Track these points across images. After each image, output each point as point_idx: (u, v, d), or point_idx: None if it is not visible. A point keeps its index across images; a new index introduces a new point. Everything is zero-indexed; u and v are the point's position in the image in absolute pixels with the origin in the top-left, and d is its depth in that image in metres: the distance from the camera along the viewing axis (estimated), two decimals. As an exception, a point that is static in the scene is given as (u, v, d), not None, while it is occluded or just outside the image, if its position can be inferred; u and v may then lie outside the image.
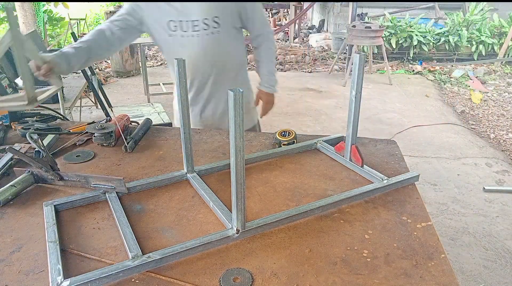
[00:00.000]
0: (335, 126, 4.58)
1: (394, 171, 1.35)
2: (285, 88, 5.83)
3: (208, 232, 1.03)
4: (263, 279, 0.90)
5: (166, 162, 1.41)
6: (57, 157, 1.42)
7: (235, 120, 0.87)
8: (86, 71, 3.44)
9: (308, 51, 7.85)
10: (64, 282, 0.84)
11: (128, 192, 1.20)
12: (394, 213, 1.13)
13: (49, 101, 3.38)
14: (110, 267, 0.89)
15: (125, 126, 1.64)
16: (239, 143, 0.90)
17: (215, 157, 1.45)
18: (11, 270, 0.91)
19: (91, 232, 1.05)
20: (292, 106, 5.23)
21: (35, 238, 1.02)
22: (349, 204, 1.17)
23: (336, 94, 5.69)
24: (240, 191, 0.95)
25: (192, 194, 1.22)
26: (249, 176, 1.32)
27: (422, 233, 1.04)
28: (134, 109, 3.80)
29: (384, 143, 1.57)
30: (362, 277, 0.90)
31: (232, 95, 0.84)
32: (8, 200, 1.16)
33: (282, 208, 1.15)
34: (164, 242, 1.01)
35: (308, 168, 1.38)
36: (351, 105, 1.31)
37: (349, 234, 1.05)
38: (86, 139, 1.55)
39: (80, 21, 7.34)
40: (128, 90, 5.77)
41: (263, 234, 1.04)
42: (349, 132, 1.34)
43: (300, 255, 0.97)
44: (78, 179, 1.23)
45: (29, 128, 1.55)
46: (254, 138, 1.61)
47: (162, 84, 5.43)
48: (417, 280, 0.89)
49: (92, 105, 4.95)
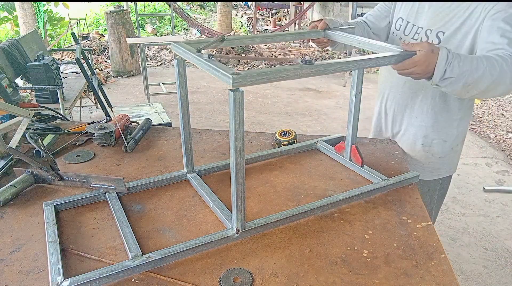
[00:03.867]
0: (335, 126, 4.58)
1: (394, 171, 1.35)
2: (285, 88, 5.83)
3: (208, 232, 1.03)
4: (263, 279, 0.90)
5: (166, 162, 1.41)
6: (57, 157, 1.42)
7: (235, 120, 0.87)
8: (86, 71, 3.43)
9: (308, 51, 7.85)
10: (64, 282, 0.84)
11: (128, 192, 1.20)
12: (394, 213, 1.13)
13: (49, 101, 3.39)
14: (110, 267, 0.89)
15: (125, 126, 1.64)
16: (239, 143, 0.90)
17: (215, 157, 1.45)
18: (11, 270, 0.91)
19: (91, 232, 1.05)
20: (292, 106, 5.23)
21: (35, 238, 1.02)
22: (349, 204, 1.17)
23: (336, 94, 5.70)
24: (240, 191, 0.95)
25: (192, 194, 1.22)
26: (249, 176, 1.32)
27: (422, 233, 1.04)
28: (134, 109, 3.80)
29: (384, 143, 1.57)
30: (362, 277, 0.90)
31: (232, 95, 0.84)
32: (8, 200, 1.16)
33: (282, 208, 1.15)
34: (164, 242, 1.01)
35: (308, 168, 1.38)
36: (351, 105, 1.31)
37: (349, 234, 1.05)
38: (86, 139, 1.55)
39: (80, 21, 7.33)
40: (128, 90, 5.77)
41: (263, 234, 1.04)
42: (349, 132, 1.34)
43: (300, 255, 0.97)
44: (78, 179, 1.23)
45: (29, 128, 1.54)
46: (254, 138, 1.61)
47: (162, 84, 5.43)
48: (417, 280, 0.89)
49: (92, 105, 4.95)
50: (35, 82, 3.34)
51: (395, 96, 1.57)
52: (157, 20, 10.55)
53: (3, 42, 3.60)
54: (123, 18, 6.13)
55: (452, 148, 1.55)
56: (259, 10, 11.18)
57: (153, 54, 7.87)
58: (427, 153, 1.55)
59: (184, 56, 1.05)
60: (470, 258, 2.54)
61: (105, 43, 7.71)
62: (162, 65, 7.20)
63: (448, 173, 1.62)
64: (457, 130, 1.52)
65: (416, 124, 1.53)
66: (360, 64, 1.04)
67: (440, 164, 1.57)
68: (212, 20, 11.89)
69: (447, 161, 1.57)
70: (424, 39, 1.43)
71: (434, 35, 1.40)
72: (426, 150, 1.55)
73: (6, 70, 3.27)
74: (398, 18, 1.55)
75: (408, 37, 1.50)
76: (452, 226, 2.86)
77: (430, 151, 1.54)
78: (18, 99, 3.00)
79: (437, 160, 1.56)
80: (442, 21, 1.39)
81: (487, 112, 5.09)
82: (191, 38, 9.31)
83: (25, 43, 3.70)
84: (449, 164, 1.59)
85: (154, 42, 5.85)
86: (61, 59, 5.64)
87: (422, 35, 1.44)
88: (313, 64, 0.93)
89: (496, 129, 4.58)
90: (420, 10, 1.47)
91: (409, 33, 1.49)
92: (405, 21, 1.52)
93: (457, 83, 1.14)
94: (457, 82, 1.14)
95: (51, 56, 3.60)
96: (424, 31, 1.43)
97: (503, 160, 3.86)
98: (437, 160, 1.56)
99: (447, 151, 1.55)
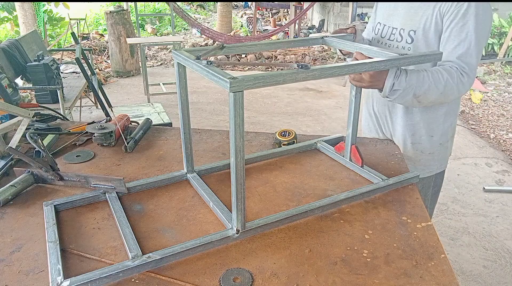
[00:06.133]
0: (335, 126, 4.58)
1: (394, 171, 1.35)
2: (285, 88, 5.83)
3: (208, 232, 1.03)
4: (263, 279, 0.90)
5: (166, 162, 1.41)
6: (57, 157, 1.42)
7: (235, 120, 0.87)
8: (86, 71, 3.43)
9: (308, 51, 7.85)
10: (64, 282, 0.84)
11: (128, 192, 1.20)
12: (394, 213, 1.13)
13: (49, 101, 3.40)
14: (110, 267, 0.89)
15: (125, 126, 1.64)
16: (239, 143, 0.90)
17: (215, 157, 1.45)
18: (11, 270, 0.91)
19: (91, 232, 1.05)
20: (292, 106, 5.23)
21: (35, 238, 1.02)
22: (349, 204, 1.17)
23: (336, 94, 5.70)
24: (240, 191, 0.95)
25: (192, 194, 1.22)
26: (249, 176, 1.32)
27: (422, 233, 1.04)
28: (134, 109, 3.80)
29: (384, 143, 1.57)
30: (362, 277, 0.90)
31: (232, 96, 0.84)
32: (8, 200, 1.16)
33: (282, 208, 1.15)
34: (164, 242, 1.01)
35: (308, 168, 1.38)
36: (351, 105, 1.31)
37: (349, 234, 1.05)
38: (86, 139, 1.55)
39: (80, 21, 7.33)
40: (128, 90, 5.77)
41: (263, 234, 1.04)
42: (349, 132, 1.34)
43: (300, 255, 0.97)
44: (78, 179, 1.23)
45: (29, 128, 1.54)
46: (254, 138, 1.61)
47: (162, 84, 5.44)
48: (417, 280, 0.89)
49: (92, 105, 4.95)
50: (35, 82, 3.34)
51: (379, 97, 1.59)
52: (157, 20, 10.55)
53: (3, 42, 3.60)
54: (123, 18, 6.13)
55: (440, 143, 1.57)
56: (259, 10, 11.18)
57: (153, 54, 7.88)
58: (416, 150, 1.58)
59: (184, 63, 1.07)
60: (470, 258, 2.54)
61: (105, 43, 7.71)
62: (162, 65, 7.21)
63: (440, 169, 1.65)
64: (444, 125, 1.55)
65: (402, 123, 1.56)
66: (356, 68, 1.04)
67: (431, 161, 1.60)
68: (212, 20, 11.89)
69: (437, 157, 1.60)
70: (399, 39, 1.48)
71: (407, 34, 1.46)
72: (415, 148, 1.58)
73: (6, 70, 3.27)
74: (376, 23, 1.60)
75: (384, 39, 1.55)
76: (452, 226, 2.86)
77: (419, 148, 1.58)
78: (18, 99, 3.00)
79: (427, 156, 1.59)
80: (412, 20, 1.44)
81: (487, 112, 5.09)
82: (191, 38, 9.31)
83: (25, 43, 3.70)
84: (439, 160, 1.62)
85: (154, 42, 5.85)
86: (61, 59, 5.64)
87: (397, 35, 1.49)
88: (309, 69, 0.94)
89: (496, 129, 4.58)
90: (394, 12, 1.52)
91: (385, 34, 1.54)
92: (382, 25, 1.57)
93: (406, 95, 1.29)
94: (406, 94, 1.29)
95: (51, 56, 3.61)
96: (398, 31, 1.49)
97: (503, 160, 3.86)
98: (427, 157, 1.59)
99: (436, 146, 1.57)
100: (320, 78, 0.98)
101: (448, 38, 1.36)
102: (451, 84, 1.31)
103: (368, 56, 1.20)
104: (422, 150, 1.57)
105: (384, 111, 1.62)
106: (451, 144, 1.64)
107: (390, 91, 1.28)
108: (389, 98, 1.31)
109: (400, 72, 1.27)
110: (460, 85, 1.32)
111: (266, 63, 1.74)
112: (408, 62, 1.12)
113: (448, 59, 1.35)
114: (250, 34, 9.29)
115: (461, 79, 1.32)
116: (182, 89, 1.16)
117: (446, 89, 1.31)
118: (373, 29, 1.63)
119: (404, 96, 1.29)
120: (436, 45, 1.40)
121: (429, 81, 1.29)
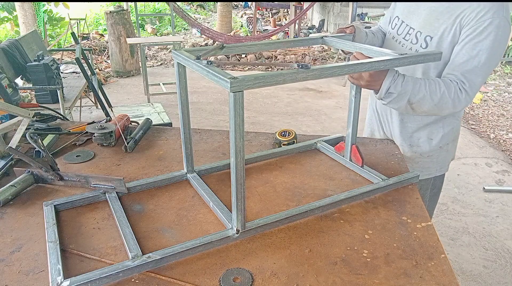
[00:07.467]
0: (335, 126, 4.58)
1: (394, 171, 1.35)
2: (285, 88, 5.83)
3: (208, 232, 1.03)
4: (263, 279, 0.90)
5: (166, 162, 1.41)
6: (57, 157, 1.42)
7: (235, 120, 0.87)
8: (86, 71, 3.43)
9: (308, 51, 7.85)
10: (64, 282, 0.84)
11: (128, 192, 1.20)
12: (394, 213, 1.13)
13: (49, 101, 3.40)
14: (110, 267, 0.89)
15: (125, 126, 1.64)
16: (239, 143, 0.90)
17: (215, 157, 1.45)
18: (11, 270, 0.91)
19: (91, 232, 1.05)
20: (292, 106, 5.23)
21: (35, 238, 1.02)
22: (349, 204, 1.17)
23: (336, 94, 5.70)
24: (240, 191, 0.95)
25: (192, 194, 1.22)
26: (249, 176, 1.32)
27: (422, 233, 1.04)
28: (134, 109, 3.80)
29: (384, 143, 1.57)
30: (362, 277, 0.90)
31: (233, 96, 0.84)
32: (8, 200, 1.16)
33: (282, 208, 1.15)
34: (164, 242, 1.01)
35: (308, 168, 1.38)
36: (351, 105, 1.31)
37: (349, 234, 1.05)
38: (86, 139, 1.55)
39: (80, 21, 7.34)
40: (128, 90, 5.77)
41: (263, 234, 1.04)
42: (349, 132, 1.34)
43: (300, 255, 0.97)
44: (78, 179, 1.23)
45: (29, 128, 1.54)
46: (254, 138, 1.61)
47: (162, 84, 5.43)
48: (417, 280, 0.89)
49: (92, 105, 4.95)
50: (35, 82, 3.34)
51: None
52: (157, 20, 10.55)
53: (3, 42, 3.60)
54: (123, 18, 6.14)
55: (440, 146, 1.55)
56: (259, 10, 11.18)
57: (153, 54, 7.88)
58: (415, 153, 1.57)
59: (184, 63, 1.07)
60: (470, 258, 2.54)
61: (105, 43, 7.72)
62: (162, 65, 7.21)
63: (439, 173, 1.63)
64: (444, 129, 1.53)
65: (402, 125, 1.56)
66: (356, 68, 1.04)
67: (429, 163, 1.58)
68: (212, 20, 11.89)
69: (436, 160, 1.58)
70: (414, 41, 1.44)
71: (423, 39, 1.42)
72: (414, 150, 1.57)
73: (6, 70, 3.27)
74: (395, 16, 1.56)
75: (400, 37, 1.51)
76: (452, 226, 2.86)
77: (418, 150, 1.56)
78: (18, 99, 3.00)
79: (425, 159, 1.57)
80: (432, 26, 1.39)
81: (487, 112, 5.09)
82: (191, 38, 9.31)
83: (25, 43, 3.70)
84: (439, 163, 1.60)
85: (154, 42, 5.85)
86: (61, 59, 5.65)
87: (412, 37, 1.45)
88: (309, 69, 0.94)
89: (496, 129, 4.59)
90: (415, 10, 1.47)
91: (402, 32, 1.50)
92: (400, 20, 1.53)
93: (400, 100, 1.27)
94: (400, 99, 1.27)
95: (51, 56, 3.61)
96: (415, 33, 1.45)
97: (503, 160, 3.86)
98: (425, 159, 1.57)
99: (435, 149, 1.56)
100: (320, 78, 0.98)
101: (460, 52, 1.31)
102: (447, 98, 1.28)
103: (368, 56, 1.20)
104: (421, 153, 1.56)
105: (385, 109, 1.62)
106: (452, 147, 1.61)
107: (386, 94, 1.27)
108: (384, 101, 1.30)
109: (398, 76, 1.25)
110: (456, 101, 1.29)
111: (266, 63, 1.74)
112: (408, 61, 1.12)
113: (453, 72, 1.31)
114: (250, 34, 9.30)
115: (458, 95, 1.29)
116: (182, 89, 1.16)
117: (441, 102, 1.28)
118: (390, 22, 1.58)
119: (398, 101, 1.27)
120: (449, 55, 1.35)
121: (425, 90, 1.27)
